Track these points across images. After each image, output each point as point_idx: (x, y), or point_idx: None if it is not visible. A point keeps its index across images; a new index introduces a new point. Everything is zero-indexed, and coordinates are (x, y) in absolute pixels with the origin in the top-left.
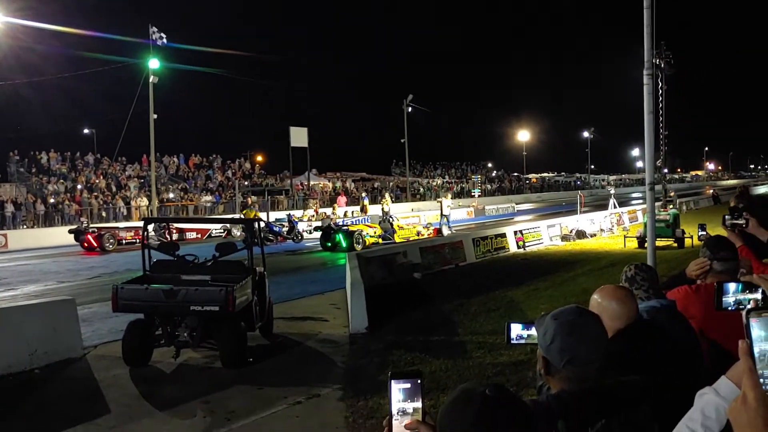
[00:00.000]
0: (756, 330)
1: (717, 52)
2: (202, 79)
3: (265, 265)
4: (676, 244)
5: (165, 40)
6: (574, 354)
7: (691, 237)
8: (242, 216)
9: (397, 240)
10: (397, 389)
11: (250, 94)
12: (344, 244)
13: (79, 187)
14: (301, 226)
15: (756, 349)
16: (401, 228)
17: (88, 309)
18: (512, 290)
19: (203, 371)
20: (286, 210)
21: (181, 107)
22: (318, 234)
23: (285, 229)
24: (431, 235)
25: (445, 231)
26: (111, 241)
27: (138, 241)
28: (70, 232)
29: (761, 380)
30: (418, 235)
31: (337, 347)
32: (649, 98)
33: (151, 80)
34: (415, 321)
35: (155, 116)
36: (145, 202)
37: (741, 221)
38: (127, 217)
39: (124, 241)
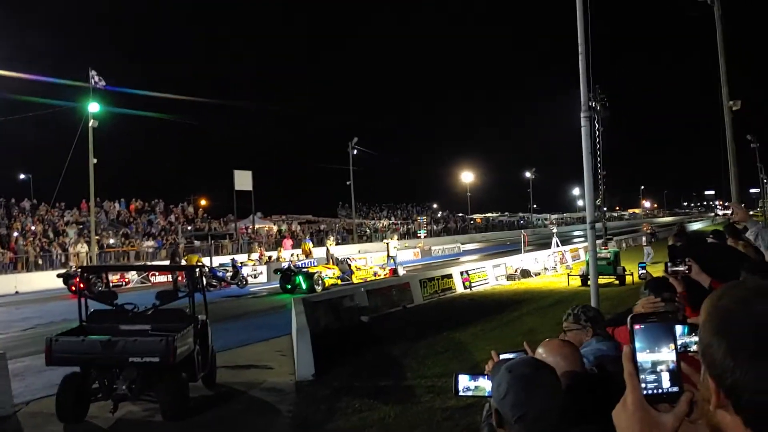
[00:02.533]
0: (638, 339)
1: (651, 95)
2: (143, 123)
3: (207, 313)
4: (617, 282)
5: (104, 84)
6: (527, 410)
7: (632, 274)
8: (184, 262)
9: (355, 281)
10: None
11: (192, 137)
12: (304, 286)
13: (15, 234)
14: (246, 271)
15: (638, 358)
16: (359, 269)
17: (21, 363)
18: (460, 331)
19: (143, 425)
20: (230, 254)
21: (122, 151)
22: (264, 278)
23: (229, 274)
24: (387, 275)
25: (401, 271)
26: (99, 284)
27: (124, 283)
28: (59, 276)
29: (642, 384)
30: (375, 276)
31: (283, 396)
32: (587, 139)
33: (90, 124)
34: (363, 366)
35: (95, 161)
36: (84, 248)
37: (683, 267)
38: (65, 264)
39: (111, 284)
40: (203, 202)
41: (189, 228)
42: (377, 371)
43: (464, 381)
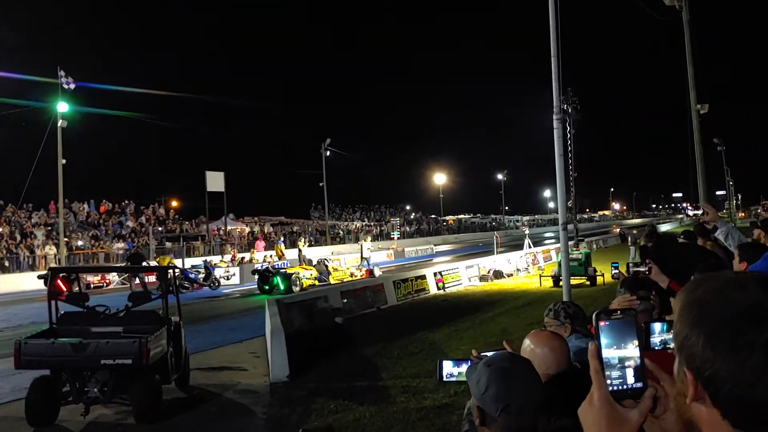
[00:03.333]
0: (603, 335)
1: (621, 97)
2: (114, 123)
3: (180, 314)
4: (588, 282)
5: (73, 84)
6: (509, 402)
7: (603, 275)
8: (156, 263)
9: (332, 281)
10: None
11: (164, 138)
12: (282, 287)
13: None
14: (218, 273)
15: (603, 354)
16: (336, 270)
17: None
18: (434, 332)
19: (115, 428)
20: (202, 256)
21: (92, 152)
22: (236, 280)
23: (201, 275)
24: (364, 276)
25: (377, 272)
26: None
27: (105, 284)
28: (40, 277)
29: (608, 381)
30: (351, 276)
31: (258, 397)
32: (559, 141)
33: (59, 124)
34: (338, 367)
35: (64, 161)
36: (53, 250)
37: (644, 268)
38: (33, 267)
39: (92, 285)
40: (174, 204)
41: (160, 229)
42: (352, 372)
43: (448, 367)
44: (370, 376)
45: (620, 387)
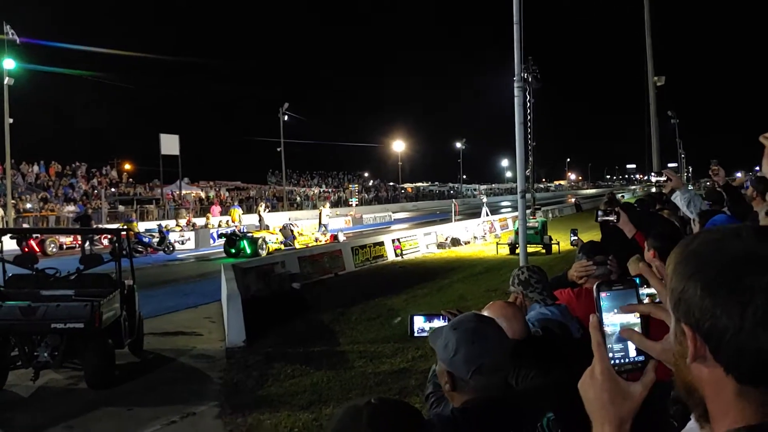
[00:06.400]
0: (605, 303)
1: (578, 68)
2: (65, 82)
3: (134, 278)
4: (544, 250)
5: (15, 37)
6: (482, 361)
7: (558, 243)
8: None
9: (298, 246)
10: None
11: (118, 98)
12: (249, 251)
13: None
14: (173, 237)
15: (605, 322)
16: (301, 234)
17: None
18: (391, 298)
19: (66, 394)
20: (156, 220)
21: (41, 111)
22: (191, 245)
23: (155, 240)
24: (328, 241)
25: (341, 237)
26: (53, 246)
27: (78, 245)
28: (12, 237)
29: (609, 354)
30: (317, 242)
31: (213, 362)
32: (519, 110)
33: (6, 82)
34: (295, 332)
35: (11, 120)
36: None
37: (612, 217)
38: None
39: (65, 246)
40: (128, 167)
41: (113, 191)
42: (309, 337)
43: (419, 322)
44: (327, 342)
45: (622, 360)
